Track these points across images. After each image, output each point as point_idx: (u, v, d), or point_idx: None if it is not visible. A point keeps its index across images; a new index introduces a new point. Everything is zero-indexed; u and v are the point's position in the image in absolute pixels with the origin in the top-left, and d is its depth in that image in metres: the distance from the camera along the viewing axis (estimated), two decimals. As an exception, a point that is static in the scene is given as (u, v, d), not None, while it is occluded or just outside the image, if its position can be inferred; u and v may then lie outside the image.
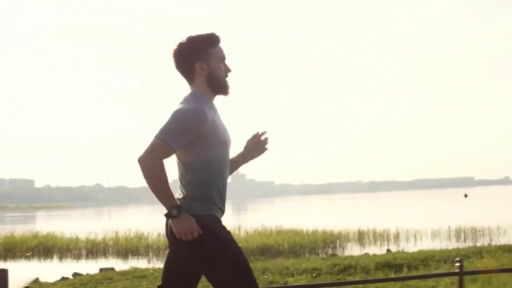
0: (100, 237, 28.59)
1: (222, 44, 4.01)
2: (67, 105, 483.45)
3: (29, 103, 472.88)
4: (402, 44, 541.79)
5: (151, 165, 3.70)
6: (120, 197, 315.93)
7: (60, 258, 26.01)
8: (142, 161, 3.70)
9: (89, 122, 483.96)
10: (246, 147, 4.29)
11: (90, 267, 20.35)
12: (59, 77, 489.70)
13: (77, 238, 28.82)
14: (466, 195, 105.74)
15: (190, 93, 3.96)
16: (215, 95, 4.01)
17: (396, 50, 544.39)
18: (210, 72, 3.95)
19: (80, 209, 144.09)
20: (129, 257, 24.93)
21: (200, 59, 3.93)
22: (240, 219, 44.74)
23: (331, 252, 22.48)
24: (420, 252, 16.38)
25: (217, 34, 3.99)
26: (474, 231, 27.16)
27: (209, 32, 3.99)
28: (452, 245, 22.53)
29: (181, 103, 3.89)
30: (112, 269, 17.67)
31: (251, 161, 4.29)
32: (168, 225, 3.86)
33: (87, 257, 25.97)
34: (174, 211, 3.73)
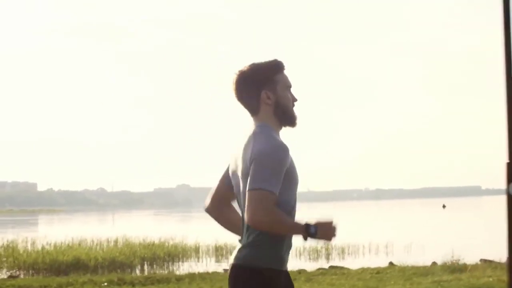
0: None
1: (287, 71, 3.70)
2: (73, 106, 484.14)
3: (33, 103, 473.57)
4: (412, 50, 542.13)
5: (268, 219, 3.38)
6: (123, 201, 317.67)
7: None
8: (256, 220, 3.38)
9: (95, 125, 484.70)
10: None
11: None
12: (64, 77, 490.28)
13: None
14: (444, 206, 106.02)
15: (260, 127, 3.58)
16: (282, 127, 3.67)
17: (406, 57, 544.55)
18: (277, 100, 3.63)
19: (78, 214, 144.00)
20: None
21: (266, 87, 3.62)
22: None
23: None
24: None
25: (281, 60, 3.70)
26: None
27: (272, 58, 3.69)
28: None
29: (255, 140, 3.51)
30: None
31: None
32: (233, 275, 3.54)
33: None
34: (311, 229, 3.46)
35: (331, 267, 17.33)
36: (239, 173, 3.57)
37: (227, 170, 3.74)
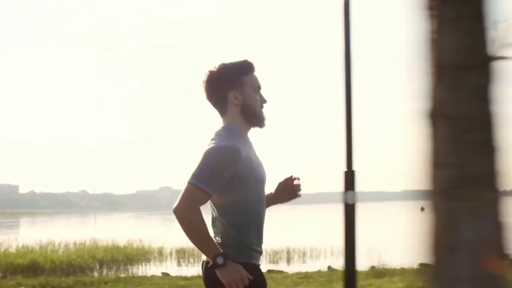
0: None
1: (257, 73, 3.72)
2: (57, 109, 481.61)
3: (18, 106, 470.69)
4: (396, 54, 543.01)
5: (187, 215, 3.44)
6: (105, 204, 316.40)
7: None
8: (178, 211, 3.44)
9: (78, 128, 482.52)
10: (277, 190, 3.99)
11: None
12: (49, 80, 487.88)
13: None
14: (423, 209, 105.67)
15: (223, 128, 3.65)
16: (250, 128, 3.70)
17: (387, 61, 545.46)
18: (244, 102, 3.66)
19: (59, 216, 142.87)
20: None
21: (233, 87, 3.65)
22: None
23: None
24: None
25: (251, 61, 3.70)
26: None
27: (242, 59, 3.70)
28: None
29: (213, 139, 3.59)
30: None
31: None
32: (203, 271, 3.60)
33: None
34: (219, 259, 3.43)
35: (269, 270, 17.24)
36: None
37: None
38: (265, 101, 3.75)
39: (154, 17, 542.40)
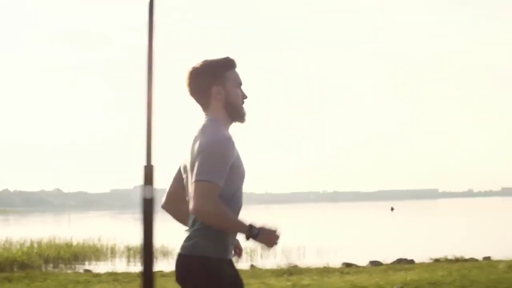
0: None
1: (238, 69, 3.82)
2: (31, 107, 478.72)
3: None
4: (380, 55, 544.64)
5: (213, 211, 3.48)
6: (79, 202, 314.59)
7: None
8: (201, 211, 3.49)
9: (53, 126, 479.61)
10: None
11: None
12: (23, 79, 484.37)
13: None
14: (392, 209, 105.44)
15: (210, 121, 3.72)
16: (231, 122, 3.79)
17: (374, 62, 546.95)
18: (227, 96, 3.75)
19: (33, 215, 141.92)
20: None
21: (216, 83, 3.74)
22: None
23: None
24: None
25: (233, 58, 3.82)
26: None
27: (224, 56, 3.81)
28: None
29: (203, 133, 3.65)
30: None
31: None
32: (179, 263, 3.63)
33: None
34: (254, 231, 3.56)
35: None
36: (188, 166, 3.67)
37: (180, 167, 3.84)
38: (246, 97, 3.84)
39: (135, 19, 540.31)
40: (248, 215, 3.90)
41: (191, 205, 3.52)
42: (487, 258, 20.18)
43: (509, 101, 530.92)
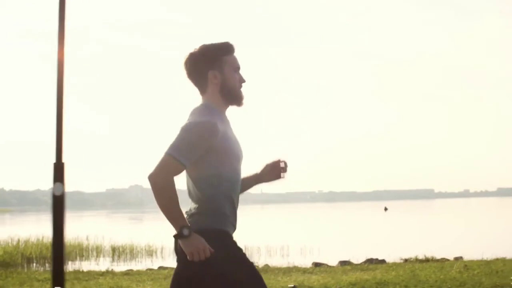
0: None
1: (237, 54, 3.88)
2: (28, 105, 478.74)
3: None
4: (366, 57, 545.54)
5: (161, 183, 3.57)
6: (75, 202, 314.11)
7: None
8: (153, 178, 3.59)
9: (48, 125, 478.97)
10: (263, 170, 4.16)
11: None
12: (18, 79, 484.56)
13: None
14: (386, 209, 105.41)
15: (202, 105, 3.82)
16: (228, 106, 3.86)
17: (362, 62, 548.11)
18: (223, 81, 3.81)
19: (28, 214, 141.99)
20: None
21: (213, 67, 3.80)
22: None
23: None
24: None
25: (232, 43, 3.86)
26: None
27: (223, 41, 3.85)
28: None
29: (192, 114, 3.76)
30: None
31: None
32: (177, 241, 3.69)
33: None
34: (185, 231, 3.58)
35: (160, 267, 17.23)
36: None
37: None
38: (243, 81, 3.89)
39: (114, 16, 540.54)
40: (243, 215, 3.87)
41: (150, 172, 3.62)
42: (459, 258, 19.97)
43: (505, 101, 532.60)
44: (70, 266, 20.40)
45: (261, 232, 39.31)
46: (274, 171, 4.18)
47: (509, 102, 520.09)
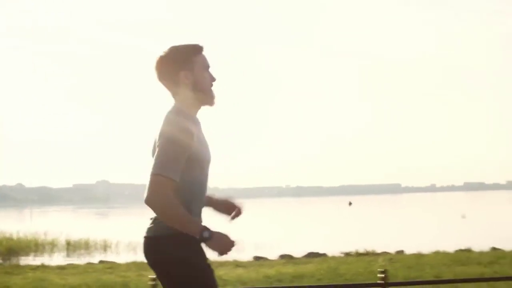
0: None
1: (205, 53, 3.88)
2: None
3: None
4: (348, 58, 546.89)
5: (159, 203, 3.52)
6: (41, 197, 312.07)
7: None
8: (150, 203, 3.53)
9: (15, 121, 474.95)
10: (222, 200, 4.14)
11: None
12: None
13: None
14: (350, 203, 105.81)
15: (173, 108, 3.76)
16: (200, 106, 3.85)
17: (342, 64, 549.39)
18: (195, 80, 3.80)
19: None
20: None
21: (184, 67, 3.79)
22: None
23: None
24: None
25: (200, 43, 3.88)
26: None
27: (192, 42, 3.86)
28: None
29: (167, 121, 3.68)
30: None
31: None
32: (146, 246, 3.65)
33: None
34: (205, 233, 3.54)
35: (101, 261, 17.39)
36: (151, 149, 3.76)
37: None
38: (214, 79, 3.89)
39: (100, 15, 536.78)
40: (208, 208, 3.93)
41: (144, 196, 3.56)
42: (400, 252, 20.41)
43: (471, 98, 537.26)
44: (23, 261, 20.49)
45: (215, 227, 39.50)
46: (228, 210, 4.15)
47: (499, 101, 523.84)
